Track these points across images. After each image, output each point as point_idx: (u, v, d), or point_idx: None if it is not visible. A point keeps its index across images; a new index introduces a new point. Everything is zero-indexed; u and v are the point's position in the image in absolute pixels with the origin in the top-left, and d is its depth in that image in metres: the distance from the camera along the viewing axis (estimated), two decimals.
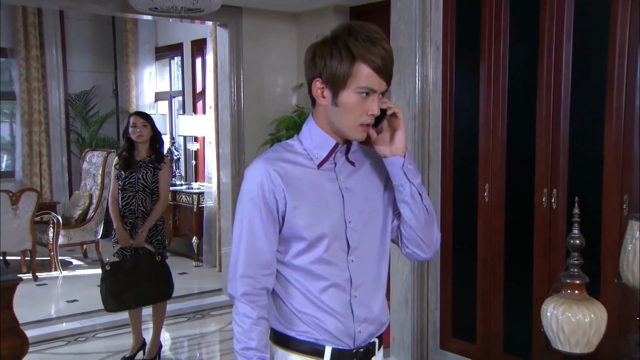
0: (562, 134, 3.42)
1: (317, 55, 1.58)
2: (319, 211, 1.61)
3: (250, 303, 1.59)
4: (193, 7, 4.14)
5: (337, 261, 1.63)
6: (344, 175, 1.66)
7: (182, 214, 6.95)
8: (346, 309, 1.63)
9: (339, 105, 1.57)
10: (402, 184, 1.63)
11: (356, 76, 1.53)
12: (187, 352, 4.71)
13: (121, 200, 4.09)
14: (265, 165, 1.59)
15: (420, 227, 1.68)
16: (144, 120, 4.08)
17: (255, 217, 1.60)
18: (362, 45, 1.51)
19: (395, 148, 1.61)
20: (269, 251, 1.62)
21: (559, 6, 3.36)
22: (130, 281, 3.96)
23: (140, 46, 7.95)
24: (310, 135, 1.65)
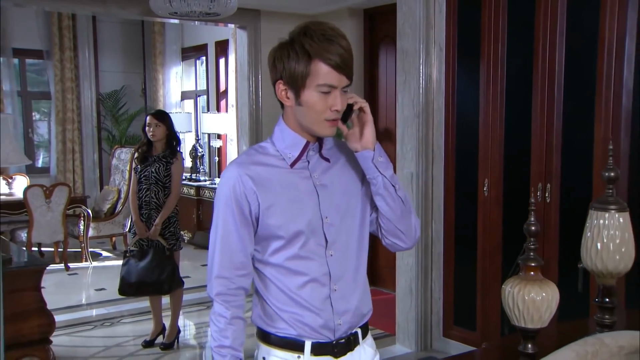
0: (555, 131, 3.58)
1: (276, 58, 1.62)
2: (293, 209, 1.63)
3: (225, 303, 1.63)
4: (210, 12, 4.38)
5: (315, 256, 1.66)
6: (319, 172, 1.68)
7: (205, 208, 7.23)
8: (325, 303, 1.66)
9: (303, 105, 1.59)
10: (374, 176, 1.65)
11: (314, 75, 1.55)
12: (205, 338, 4.98)
13: (138, 193, 4.37)
14: (238, 170, 1.63)
15: (397, 218, 1.70)
16: (157, 121, 4.33)
17: (228, 220, 1.64)
18: (317, 44, 1.54)
19: (365, 142, 1.63)
20: (243, 252, 1.65)
21: (553, 10, 3.52)
22: (138, 271, 4.25)
23: (167, 47, 8.27)
24: (282, 136, 1.67)
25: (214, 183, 7.34)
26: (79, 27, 8.10)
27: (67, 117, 8.11)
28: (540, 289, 2.01)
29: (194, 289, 5.94)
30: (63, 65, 8.05)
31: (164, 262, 4.31)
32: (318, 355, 1.69)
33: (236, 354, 1.65)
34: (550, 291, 2.01)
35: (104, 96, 8.45)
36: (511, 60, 3.80)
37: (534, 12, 3.61)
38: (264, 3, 5.58)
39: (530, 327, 2.03)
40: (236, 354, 1.65)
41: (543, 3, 3.56)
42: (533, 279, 2.04)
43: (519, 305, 2.01)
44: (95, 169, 8.39)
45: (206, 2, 4.23)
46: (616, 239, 2.19)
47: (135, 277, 4.28)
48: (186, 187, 7.40)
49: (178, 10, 4.29)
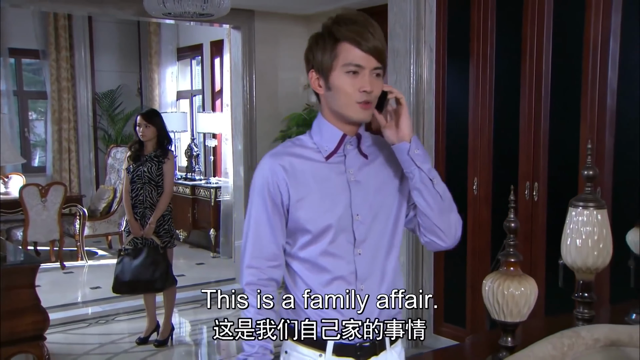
0: (542, 131, 3.64)
1: (308, 49, 1.64)
2: (324, 204, 1.62)
3: (254, 292, 1.62)
4: (203, 12, 4.43)
5: (343, 254, 1.63)
6: (355, 168, 1.66)
7: (200, 207, 7.29)
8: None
9: (332, 89, 1.59)
10: (410, 170, 1.62)
11: (341, 56, 1.56)
12: (198, 335, 5.03)
13: (131, 192, 4.42)
14: (271, 160, 1.63)
15: (435, 215, 1.65)
16: (146, 122, 4.37)
17: (261, 210, 1.63)
18: (344, 27, 1.56)
19: (402, 134, 1.60)
20: (275, 243, 1.65)
21: (540, 11, 3.57)
22: (132, 269, 4.30)
23: (163, 47, 8.31)
24: (320, 129, 1.67)
25: (209, 182, 7.40)
26: (75, 27, 8.14)
27: (63, 116, 8.16)
28: (519, 284, 2.06)
29: (189, 287, 5.99)
30: (59, 64, 8.09)
31: (158, 260, 4.36)
32: (340, 356, 1.66)
33: (264, 344, 1.63)
34: (529, 286, 2.07)
35: (100, 96, 8.50)
36: (500, 60, 3.86)
37: (521, 13, 3.67)
38: (257, 3, 5.65)
39: (509, 321, 2.09)
40: (264, 344, 1.63)
41: (530, 4, 3.61)
42: (512, 275, 2.10)
43: (498, 299, 2.07)
44: (92, 168, 8.43)
45: (199, 3, 4.29)
46: (594, 235, 2.25)
47: (130, 276, 4.33)
48: (181, 186, 7.45)
49: (172, 10, 4.34)
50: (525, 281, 2.08)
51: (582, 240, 2.27)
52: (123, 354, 4.42)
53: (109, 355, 4.41)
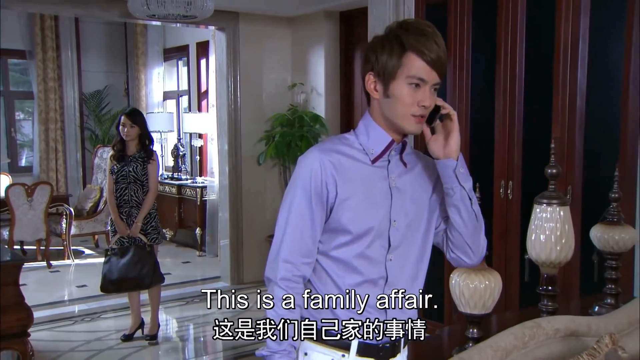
0: (516, 131, 3.74)
1: (370, 51, 1.61)
2: (367, 207, 1.61)
3: (288, 289, 1.60)
4: (187, 14, 4.50)
5: (377, 258, 1.63)
6: (395, 174, 1.66)
7: (186, 206, 7.35)
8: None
9: (391, 97, 1.58)
10: (452, 187, 1.62)
11: (406, 66, 1.54)
12: (184, 332, 5.10)
13: (116, 192, 4.49)
14: (321, 155, 1.60)
15: (469, 233, 1.67)
16: (131, 122, 4.44)
17: (304, 204, 1.60)
18: (413, 37, 1.53)
19: (449, 150, 1.60)
20: (312, 240, 1.62)
21: (513, 14, 3.67)
22: (119, 268, 4.37)
23: (149, 48, 8.36)
24: (367, 131, 1.65)
25: (195, 182, 7.46)
26: (61, 27, 8.16)
27: (50, 116, 8.18)
28: (483, 277, 2.16)
29: (175, 285, 6.09)
30: (46, 65, 8.12)
31: (145, 257, 4.43)
32: (363, 357, 1.66)
33: (292, 342, 1.63)
34: (493, 280, 2.17)
35: (87, 96, 8.53)
36: (476, 61, 3.96)
37: (496, 16, 3.77)
38: (242, 5, 5.72)
39: (475, 313, 2.18)
40: (292, 342, 1.63)
41: (504, 8, 3.71)
42: (478, 269, 2.19)
43: (464, 293, 2.17)
44: (79, 168, 8.46)
45: (183, 6, 4.35)
46: (557, 231, 2.36)
47: (117, 274, 4.40)
48: (168, 185, 7.51)
49: (155, 13, 4.40)
50: (490, 275, 2.17)
51: (545, 236, 2.37)
52: (108, 351, 4.48)
53: (94, 352, 4.47)
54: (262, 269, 5.99)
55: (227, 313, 5.32)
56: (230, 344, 4.70)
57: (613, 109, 3.30)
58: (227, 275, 6.18)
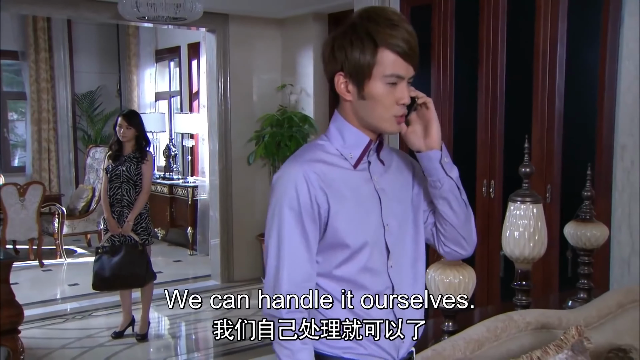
0: (498, 131, 3.83)
1: (337, 47, 1.45)
2: (360, 215, 1.49)
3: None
4: (176, 16, 4.58)
5: (379, 268, 1.51)
6: (377, 175, 1.54)
7: (178, 206, 7.42)
8: (391, 318, 1.53)
9: (367, 98, 1.44)
10: (439, 179, 1.50)
11: (381, 64, 1.41)
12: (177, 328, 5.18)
13: (109, 191, 4.56)
14: (303, 168, 1.45)
15: (461, 224, 1.57)
16: (127, 123, 4.52)
17: (295, 226, 1.44)
18: (383, 29, 1.39)
19: (431, 141, 1.48)
20: (310, 263, 1.47)
21: (495, 20, 3.77)
22: (111, 265, 4.44)
23: (141, 49, 8.43)
24: (341, 134, 1.51)
25: (186, 181, 7.53)
26: (54, 28, 8.22)
27: (43, 117, 8.23)
28: (457, 272, 2.24)
29: (167, 284, 6.16)
30: (38, 66, 8.17)
31: (137, 256, 4.49)
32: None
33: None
34: (467, 274, 2.25)
35: (80, 97, 8.58)
36: (459, 64, 4.05)
37: (478, 21, 3.86)
38: (232, 7, 5.79)
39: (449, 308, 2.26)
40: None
41: (486, 13, 3.80)
42: (452, 264, 2.28)
43: (439, 287, 2.25)
44: (71, 168, 8.51)
45: (172, 8, 4.43)
46: (530, 227, 2.45)
47: (109, 272, 4.46)
48: (159, 185, 7.58)
49: (145, 15, 4.48)
50: (464, 270, 2.26)
51: (519, 232, 2.46)
52: (98, 348, 4.55)
53: (85, 349, 4.54)
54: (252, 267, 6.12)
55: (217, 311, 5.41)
56: (221, 340, 4.78)
57: (590, 111, 3.39)
58: (217, 274, 6.26)
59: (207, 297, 5.91)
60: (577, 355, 1.98)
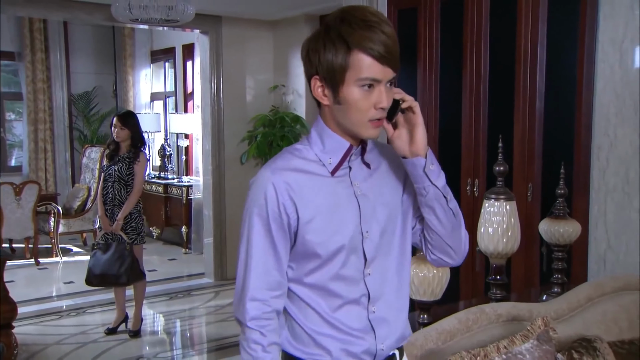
0: (482, 131, 3.92)
1: (311, 50, 1.41)
2: (334, 224, 1.44)
3: (261, 328, 1.43)
4: (169, 19, 4.67)
5: (354, 276, 1.47)
6: (359, 180, 1.49)
7: (173, 205, 7.51)
8: (365, 325, 1.49)
9: (342, 103, 1.40)
10: (424, 186, 1.45)
11: (354, 67, 1.35)
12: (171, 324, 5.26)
13: (103, 189, 4.65)
14: (273, 176, 1.42)
15: (447, 233, 1.52)
16: (121, 124, 4.61)
17: (262, 234, 1.44)
18: (357, 31, 1.34)
19: (416, 147, 1.43)
20: (279, 271, 1.45)
21: (478, 23, 3.86)
22: (101, 262, 4.53)
23: (137, 50, 8.52)
24: (321, 139, 1.47)
25: (181, 181, 7.62)
26: (50, 29, 8.31)
27: (39, 117, 8.32)
28: (432, 267, 2.34)
29: (161, 282, 6.28)
30: (34, 66, 8.25)
31: (124, 255, 4.57)
32: None
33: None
34: (441, 269, 2.35)
35: (76, 97, 8.67)
36: (444, 66, 4.14)
37: (462, 24, 3.95)
38: (225, 9, 5.88)
39: (425, 300, 2.36)
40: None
41: (470, 16, 3.89)
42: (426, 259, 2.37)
43: (414, 281, 2.34)
44: (67, 167, 8.60)
45: (164, 10, 4.51)
46: (504, 224, 2.55)
47: (99, 269, 4.56)
48: (154, 185, 7.67)
49: (138, 17, 4.56)
50: None
51: (493, 229, 2.56)
52: (92, 344, 4.64)
53: (79, 344, 4.63)
54: None
55: (211, 308, 5.51)
56: (213, 336, 4.87)
57: (569, 111, 3.48)
58: (210, 272, 6.35)
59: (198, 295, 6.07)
60: (542, 344, 2.08)
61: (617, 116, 3.13)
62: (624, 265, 3.11)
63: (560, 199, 2.76)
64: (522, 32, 3.63)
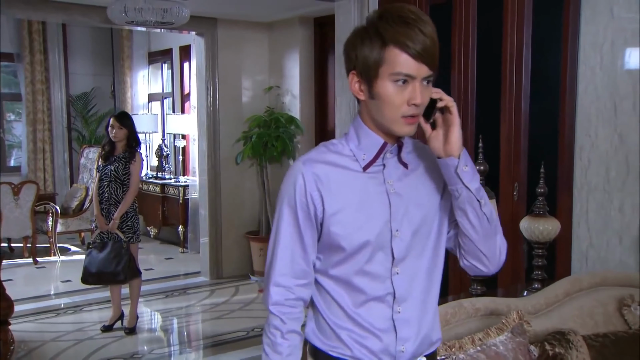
0: (469, 131, 4.00)
1: (350, 46, 1.45)
2: (361, 219, 1.46)
3: (282, 315, 1.49)
4: (164, 21, 4.75)
5: (380, 273, 1.48)
6: (394, 178, 1.49)
7: (170, 204, 7.59)
8: (388, 325, 1.49)
9: (376, 98, 1.41)
10: (457, 188, 1.44)
11: (389, 62, 1.37)
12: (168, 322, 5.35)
13: (99, 189, 4.74)
14: (304, 168, 1.46)
15: (479, 239, 1.48)
16: (119, 124, 4.69)
17: (291, 222, 1.48)
18: (393, 28, 1.35)
19: (449, 147, 1.42)
20: (304, 260, 1.50)
21: (465, 27, 3.95)
22: (97, 261, 4.61)
23: (134, 51, 8.61)
24: (357, 135, 1.50)
25: (178, 181, 7.70)
26: (48, 31, 8.39)
27: (38, 117, 8.41)
28: None
29: (157, 280, 6.37)
30: (33, 68, 8.33)
31: (121, 253, 4.65)
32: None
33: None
34: None
35: (74, 98, 8.75)
36: None
37: (450, 28, 4.04)
38: (220, 12, 5.96)
39: None
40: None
41: (457, 20, 3.98)
42: None
43: None
44: (66, 167, 8.69)
45: (159, 13, 4.60)
46: None
47: (95, 267, 4.64)
48: (152, 184, 7.76)
49: (133, 19, 4.65)
50: None
51: None
52: (88, 340, 4.72)
53: (75, 341, 4.71)
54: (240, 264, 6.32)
55: (206, 306, 5.58)
56: (209, 333, 4.95)
57: (553, 112, 3.56)
58: (206, 271, 6.43)
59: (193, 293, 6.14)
60: (516, 337, 2.16)
61: (598, 117, 3.21)
62: (604, 262, 3.20)
63: (540, 197, 2.83)
64: (508, 34, 3.71)
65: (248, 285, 6.16)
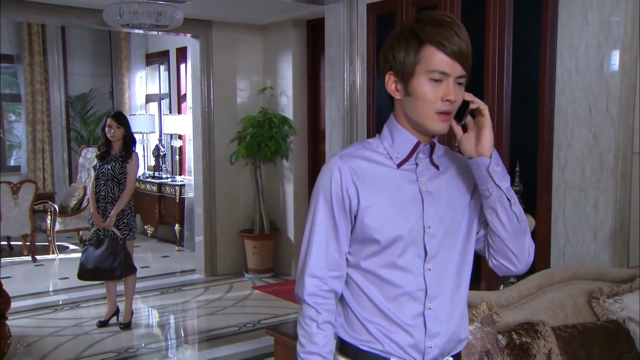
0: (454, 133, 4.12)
1: (387, 48, 1.52)
2: (394, 213, 1.50)
3: (316, 305, 1.52)
4: (158, 24, 4.87)
5: (412, 268, 1.51)
6: (426, 178, 1.54)
7: (166, 204, 7.71)
8: (418, 320, 1.52)
9: (411, 95, 1.47)
10: (487, 187, 1.48)
11: (425, 60, 1.44)
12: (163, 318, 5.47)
13: (95, 188, 4.86)
14: (341, 162, 1.52)
15: (509, 237, 1.52)
16: (117, 123, 4.81)
17: (326, 214, 1.53)
18: (429, 28, 1.44)
19: (481, 148, 1.48)
20: (338, 252, 1.54)
21: None
22: (94, 258, 4.74)
23: (132, 53, 8.73)
24: (391, 134, 1.55)
25: (174, 180, 7.82)
26: (48, 33, 8.51)
27: (37, 118, 8.53)
28: None
29: (154, 277, 6.50)
30: (33, 69, 8.45)
31: (118, 250, 4.77)
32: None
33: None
34: None
35: (73, 98, 8.87)
36: None
37: None
38: (215, 14, 6.08)
39: None
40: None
41: None
42: None
43: None
44: (65, 167, 8.81)
45: (154, 16, 4.72)
46: None
47: (92, 264, 4.76)
48: (149, 184, 7.88)
49: (128, 22, 4.77)
50: None
51: None
52: (85, 335, 4.84)
53: (72, 336, 4.83)
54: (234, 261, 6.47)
55: (201, 302, 5.70)
56: (204, 328, 5.06)
57: (533, 113, 3.68)
58: (201, 268, 6.55)
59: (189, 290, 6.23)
60: (485, 326, 2.28)
61: (574, 118, 3.33)
62: (580, 258, 3.32)
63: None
64: (490, 39, 3.83)
65: (242, 282, 6.28)
